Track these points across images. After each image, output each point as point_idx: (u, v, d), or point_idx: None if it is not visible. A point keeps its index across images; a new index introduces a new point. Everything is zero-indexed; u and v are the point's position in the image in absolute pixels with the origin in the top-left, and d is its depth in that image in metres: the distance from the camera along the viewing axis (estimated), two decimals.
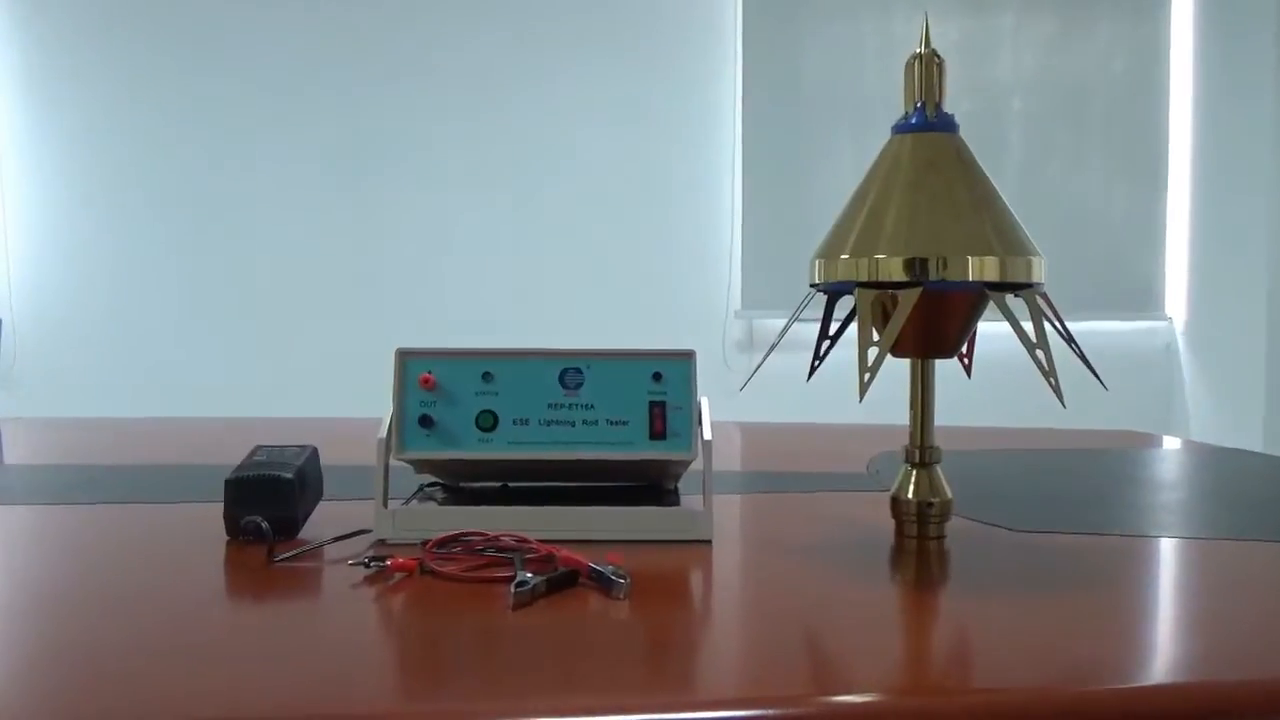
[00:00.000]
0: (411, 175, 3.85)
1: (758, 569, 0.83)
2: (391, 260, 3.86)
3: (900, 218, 0.82)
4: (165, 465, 1.32)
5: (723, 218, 3.89)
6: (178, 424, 1.85)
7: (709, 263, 3.89)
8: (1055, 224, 3.90)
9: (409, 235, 3.87)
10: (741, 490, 1.17)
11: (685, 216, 3.89)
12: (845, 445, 1.52)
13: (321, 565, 0.82)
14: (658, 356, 0.89)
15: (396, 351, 0.89)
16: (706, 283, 3.89)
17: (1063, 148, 3.99)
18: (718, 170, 3.89)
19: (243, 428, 1.65)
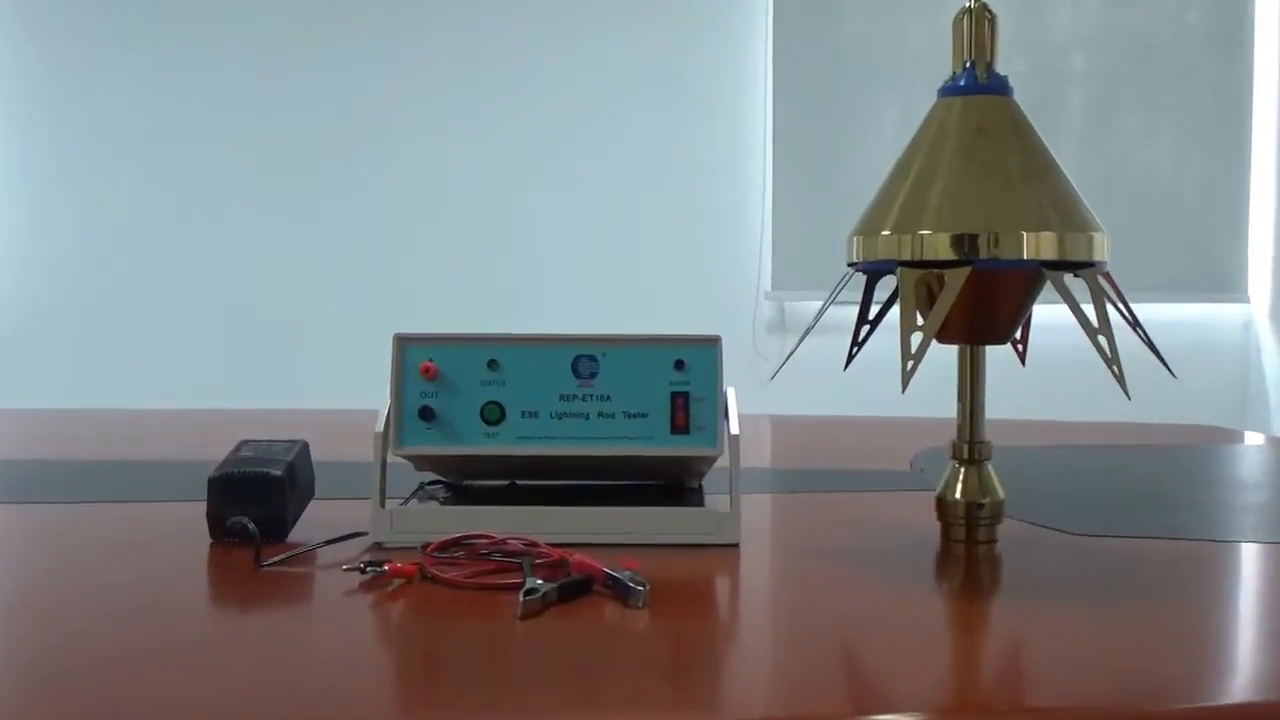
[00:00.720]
0: (413, 146, 3.86)
1: (789, 576, 0.83)
2: (390, 239, 3.87)
3: (947, 190, 0.82)
4: (143, 461, 1.33)
5: (752, 191, 3.88)
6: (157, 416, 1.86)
7: (736, 240, 3.89)
8: (1121, 196, 3.87)
9: (409, 212, 3.87)
10: (772, 489, 1.17)
11: (710, 190, 3.88)
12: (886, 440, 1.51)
13: (313, 570, 0.82)
14: (680, 342, 0.89)
15: (394, 337, 0.89)
16: (734, 262, 3.88)
17: (1130, 111, 3.94)
18: (746, 139, 3.88)
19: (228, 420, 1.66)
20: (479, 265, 3.87)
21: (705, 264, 3.87)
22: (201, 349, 3.85)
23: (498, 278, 3.87)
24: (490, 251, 3.88)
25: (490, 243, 3.88)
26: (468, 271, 3.87)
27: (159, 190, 3.84)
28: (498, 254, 3.88)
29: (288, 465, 0.90)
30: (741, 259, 3.88)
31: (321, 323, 3.85)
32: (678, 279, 3.85)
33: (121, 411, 1.99)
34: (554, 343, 0.89)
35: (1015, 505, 0.92)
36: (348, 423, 1.21)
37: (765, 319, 3.90)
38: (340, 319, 3.84)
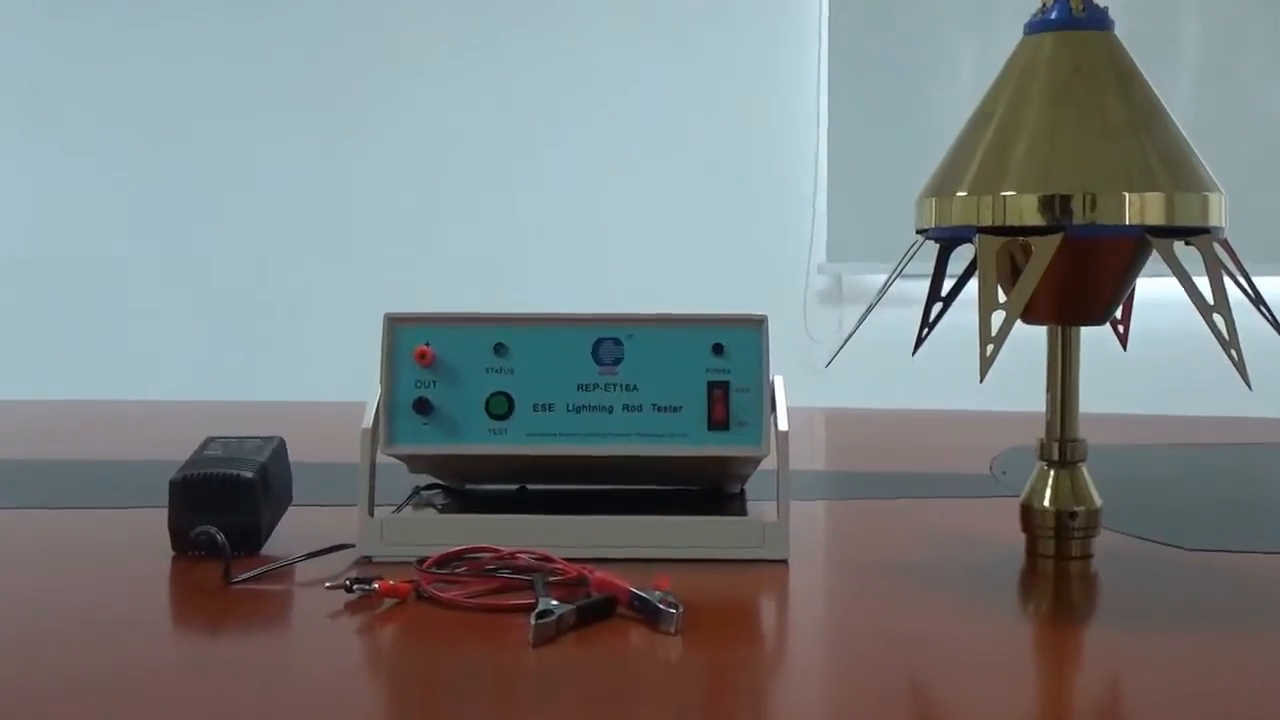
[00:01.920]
0: (409, 91, 3.87)
1: (847, 598, 0.83)
2: (381, 203, 3.88)
3: (1036, 143, 0.81)
4: (95, 461, 1.34)
5: (803, 147, 3.87)
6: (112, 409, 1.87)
7: (785, 205, 3.87)
8: (1241, 150, 3.83)
9: (404, 174, 3.88)
10: (827, 495, 1.17)
11: (753, 146, 3.87)
12: (962, 437, 1.50)
13: (291, 589, 0.82)
14: (719, 323, 0.89)
15: (385, 317, 0.89)
16: (781, 229, 3.87)
17: (1252, 49, 3.90)
18: (796, 84, 3.86)
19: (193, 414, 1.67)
20: (486, 234, 3.88)
21: (748, 231, 3.86)
22: (165, 334, 3.88)
23: (508, 248, 3.87)
24: (499, 218, 3.88)
25: (499, 208, 3.88)
26: (473, 241, 3.87)
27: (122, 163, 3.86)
28: (508, 221, 3.88)
29: (261, 466, 0.90)
30: (790, 225, 3.87)
31: (301, 302, 3.87)
32: (716, 250, 3.84)
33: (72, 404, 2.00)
34: (571, 323, 0.89)
35: (1113, 515, 0.91)
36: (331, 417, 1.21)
37: (818, 296, 3.89)
38: (323, 297, 3.85)
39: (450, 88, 3.87)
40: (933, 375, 1.92)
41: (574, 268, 3.83)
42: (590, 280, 3.78)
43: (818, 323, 3.82)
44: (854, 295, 3.85)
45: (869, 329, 0.95)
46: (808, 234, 3.88)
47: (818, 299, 3.89)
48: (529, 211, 3.88)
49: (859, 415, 1.79)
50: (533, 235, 3.88)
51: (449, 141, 3.89)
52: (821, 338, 3.76)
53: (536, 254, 3.87)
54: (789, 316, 3.77)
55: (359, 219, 3.89)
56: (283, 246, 3.88)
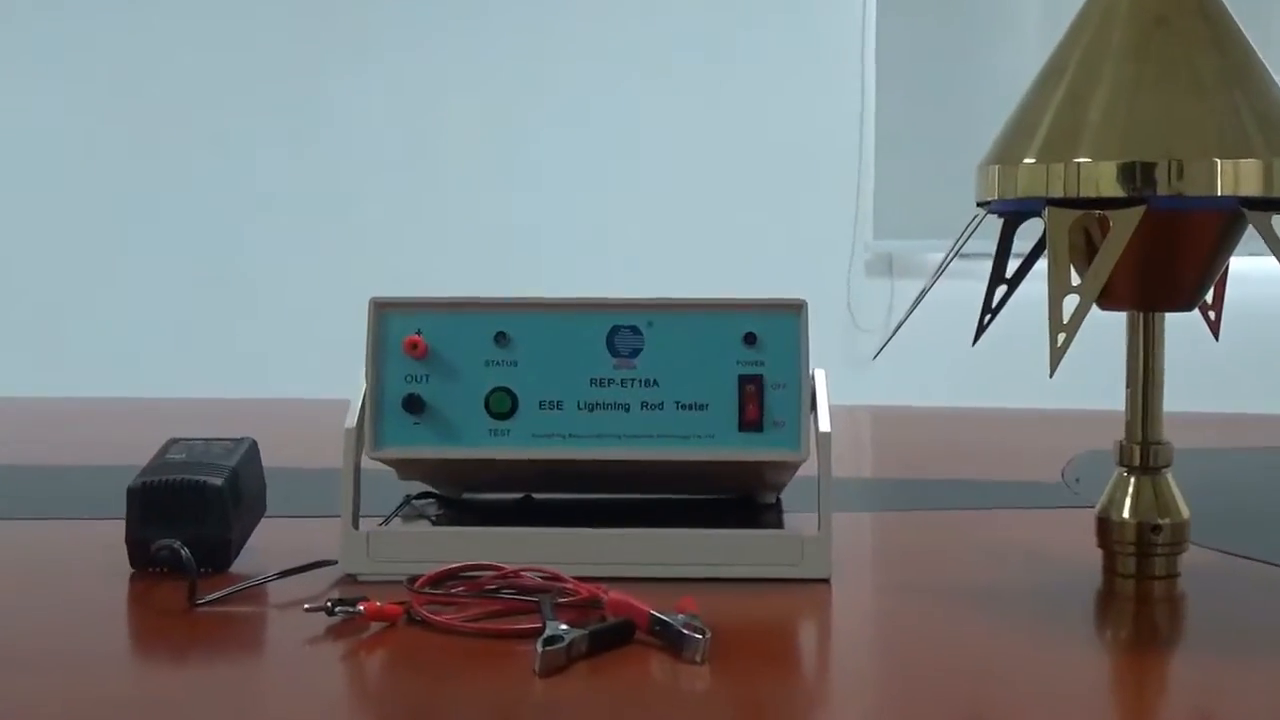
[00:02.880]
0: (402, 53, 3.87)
1: (896, 623, 0.83)
2: (368, 179, 3.89)
3: (1114, 102, 0.81)
4: (44, 466, 1.34)
5: (846, 108, 3.86)
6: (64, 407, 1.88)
7: (827, 174, 3.87)
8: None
9: (394, 143, 3.89)
10: (874, 506, 1.16)
11: (792, 110, 3.86)
12: (1029, 439, 1.50)
13: (264, 611, 0.82)
14: (751, 309, 0.89)
15: (371, 302, 0.90)
16: (823, 202, 3.86)
17: None
18: (840, 40, 3.85)
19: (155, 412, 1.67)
20: (488, 210, 3.88)
21: (784, 204, 3.85)
22: (119, 322, 3.89)
23: (513, 225, 3.87)
24: (503, 191, 3.88)
25: (503, 181, 3.88)
26: (473, 218, 3.87)
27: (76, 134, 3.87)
28: (513, 195, 3.88)
29: (230, 472, 0.90)
30: (833, 197, 3.86)
31: (275, 286, 3.88)
32: (748, 226, 3.83)
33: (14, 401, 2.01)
34: (583, 309, 0.89)
35: (1203, 528, 0.91)
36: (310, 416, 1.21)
37: (865, 277, 3.88)
38: (300, 281, 3.86)
39: (451, 43, 3.86)
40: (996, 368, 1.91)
41: (587, 247, 3.82)
42: (605, 261, 3.77)
43: (865, 308, 3.81)
44: (906, 277, 3.84)
45: (923, 315, 0.95)
46: (852, 206, 3.87)
47: (865, 281, 3.88)
48: (536, 185, 3.88)
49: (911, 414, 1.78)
50: (541, 211, 3.87)
51: (446, 107, 3.88)
52: (869, 325, 3.75)
53: (545, 232, 3.87)
54: (832, 301, 3.76)
55: (341, 193, 3.90)
56: (254, 225, 3.89)
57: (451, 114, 3.88)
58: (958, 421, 1.71)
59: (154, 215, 3.90)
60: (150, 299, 3.90)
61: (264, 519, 0.96)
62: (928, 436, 1.61)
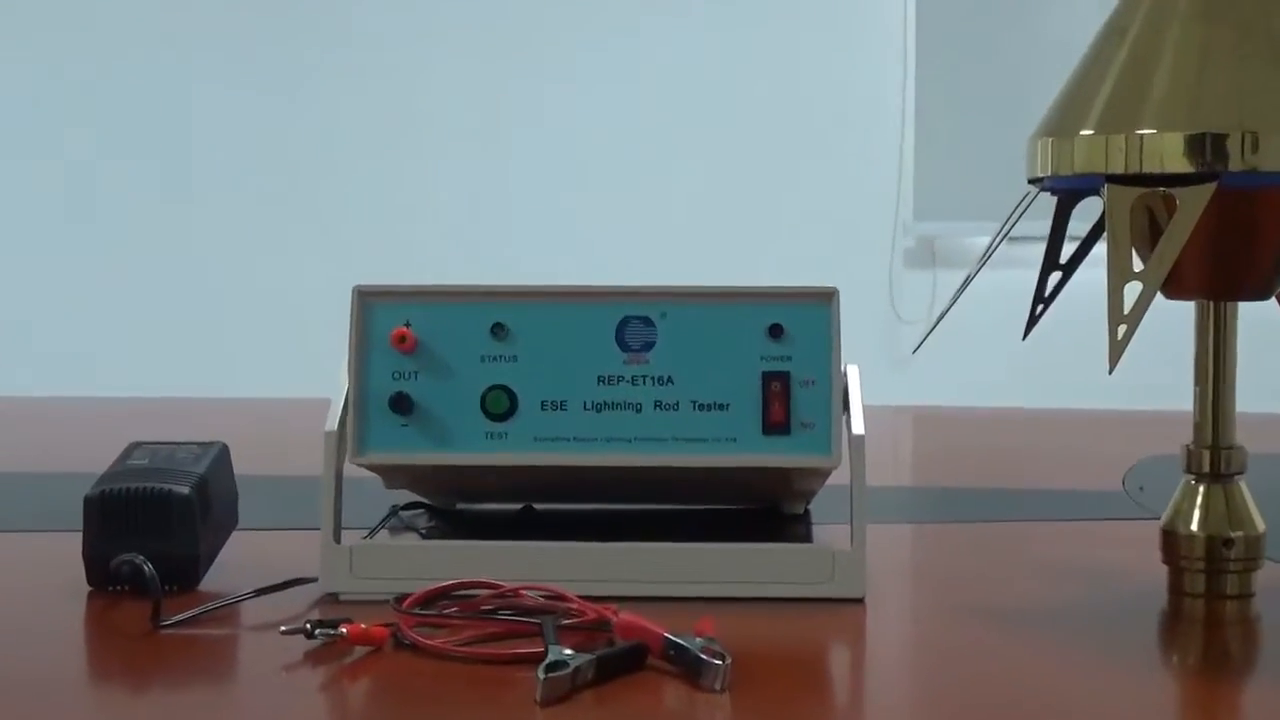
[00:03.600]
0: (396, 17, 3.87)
1: (939, 647, 0.83)
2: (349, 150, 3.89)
3: (1182, 68, 0.81)
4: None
5: (885, 77, 3.86)
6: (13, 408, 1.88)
7: (863, 150, 3.86)
8: None
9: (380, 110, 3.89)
10: (914, 517, 1.16)
11: (826, 80, 3.86)
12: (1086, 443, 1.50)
13: (237, 634, 0.83)
14: (777, 298, 0.89)
15: (355, 291, 0.90)
16: (858, 180, 3.86)
17: None
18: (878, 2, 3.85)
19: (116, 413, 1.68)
20: (483, 186, 3.88)
21: (814, 183, 3.85)
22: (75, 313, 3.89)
23: (512, 203, 3.87)
24: (500, 166, 3.88)
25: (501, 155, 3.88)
26: (467, 196, 3.88)
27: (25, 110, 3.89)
28: (511, 170, 3.88)
29: (199, 480, 0.90)
30: (868, 174, 3.86)
31: (248, 273, 3.88)
32: (775, 207, 3.83)
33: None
34: (590, 298, 0.89)
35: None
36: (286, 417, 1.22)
37: (905, 263, 3.88)
38: (275, 267, 3.86)
39: None
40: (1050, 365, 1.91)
41: (594, 230, 3.82)
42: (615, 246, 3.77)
43: (904, 297, 3.81)
44: (950, 262, 3.84)
45: (969, 305, 0.95)
46: (891, 185, 3.87)
47: (904, 267, 3.87)
48: (539, 162, 3.88)
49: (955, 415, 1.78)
50: (544, 190, 3.87)
51: (434, 69, 3.89)
52: (909, 316, 3.75)
53: (548, 213, 3.87)
54: (867, 289, 3.75)
55: (319, 169, 3.90)
56: (223, 207, 3.89)
57: (441, 77, 3.88)
58: (1007, 424, 1.71)
59: (110, 197, 3.90)
60: (107, 289, 3.91)
61: (236, 532, 0.96)
62: (974, 440, 1.61)
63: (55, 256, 3.91)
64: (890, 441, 1.54)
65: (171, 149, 3.90)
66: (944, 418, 1.75)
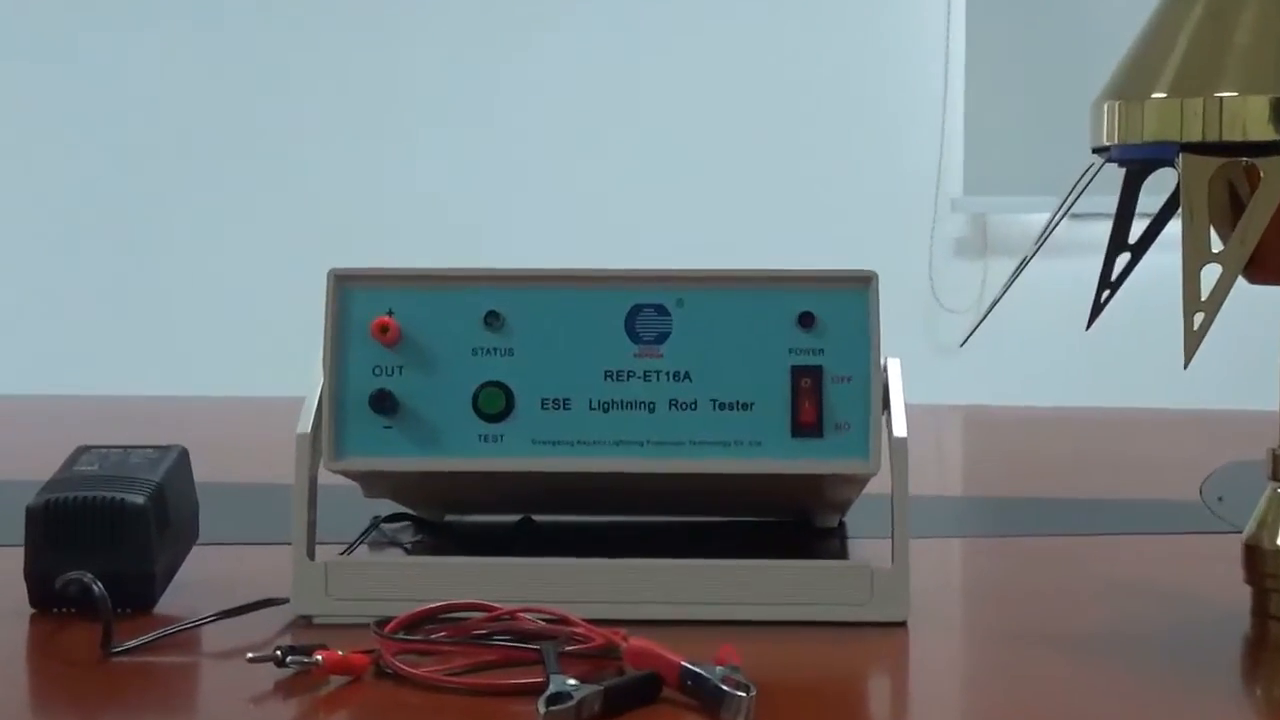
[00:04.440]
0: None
1: (991, 676, 0.83)
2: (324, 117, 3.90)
3: (1267, 22, 0.80)
4: None
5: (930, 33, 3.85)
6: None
7: (906, 116, 3.87)
8: None
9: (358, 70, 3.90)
10: (963, 530, 1.16)
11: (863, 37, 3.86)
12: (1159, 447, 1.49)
13: (197, 661, 0.83)
14: (808, 282, 0.88)
15: (331, 276, 0.90)
16: (899, 151, 3.86)
17: None
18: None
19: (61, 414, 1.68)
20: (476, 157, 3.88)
21: (851, 154, 3.85)
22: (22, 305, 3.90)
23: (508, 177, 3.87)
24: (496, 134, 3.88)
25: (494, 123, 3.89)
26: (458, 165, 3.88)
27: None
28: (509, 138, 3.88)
29: (155, 488, 0.90)
30: (913, 145, 3.86)
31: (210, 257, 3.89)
32: (805, 181, 3.83)
33: None
34: (596, 283, 0.89)
35: None
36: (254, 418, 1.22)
37: (952, 244, 3.88)
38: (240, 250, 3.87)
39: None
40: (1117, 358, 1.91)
41: (601, 207, 3.83)
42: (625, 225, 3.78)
43: (951, 283, 3.81)
44: (1002, 243, 3.84)
45: (1024, 291, 0.95)
46: (935, 156, 3.86)
47: (950, 248, 3.87)
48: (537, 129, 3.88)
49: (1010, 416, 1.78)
50: (543, 160, 3.88)
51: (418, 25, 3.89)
52: (956, 304, 3.74)
53: (548, 187, 3.87)
54: (910, 273, 3.76)
55: (292, 144, 3.91)
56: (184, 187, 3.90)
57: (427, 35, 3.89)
58: (1068, 425, 1.71)
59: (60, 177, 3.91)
60: (54, 277, 3.92)
61: (197, 546, 0.96)
62: (1030, 444, 1.61)
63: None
64: (936, 445, 1.54)
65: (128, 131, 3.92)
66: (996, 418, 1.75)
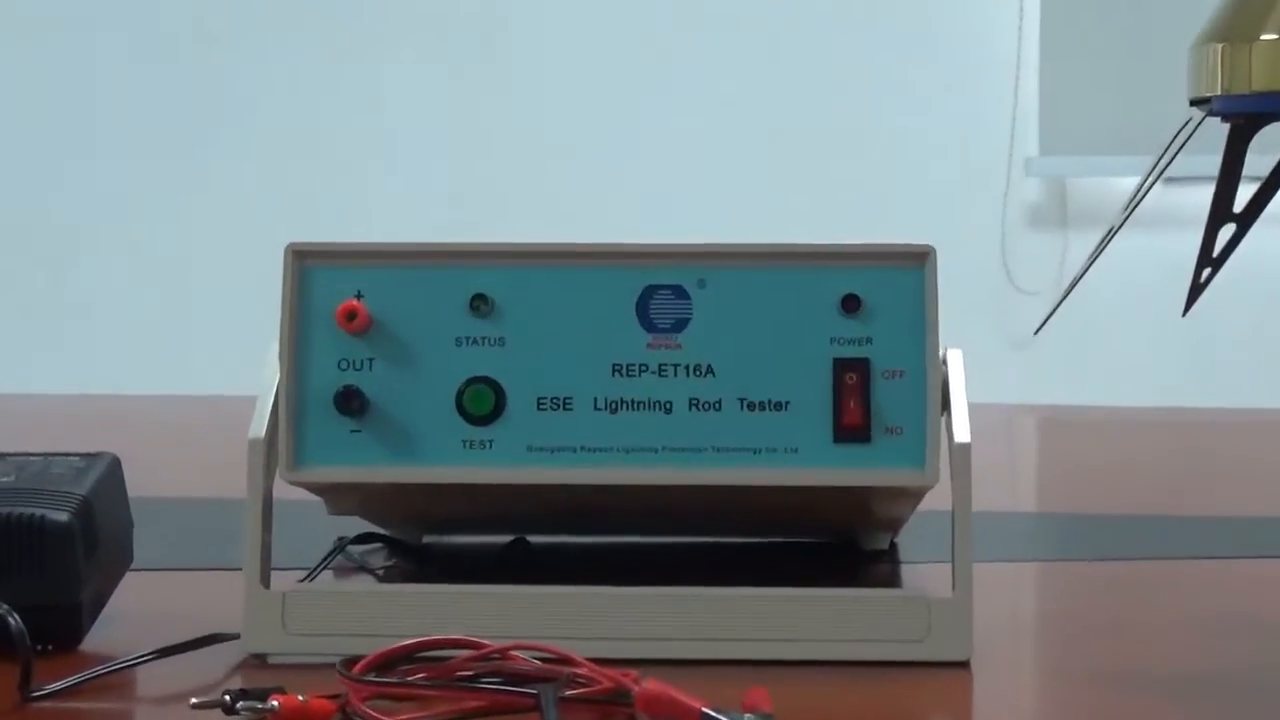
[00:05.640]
0: None
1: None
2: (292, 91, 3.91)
3: None
4: None
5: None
6: None
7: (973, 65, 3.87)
8: None
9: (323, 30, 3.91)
10: (1035, 553, 1.17)
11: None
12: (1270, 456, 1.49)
13: (131, 708, 0.83)
14: (854, 260, 0.89)
15: (288, 252, 0.90)
16: (965, 106, 3.86)
17: None
18: None
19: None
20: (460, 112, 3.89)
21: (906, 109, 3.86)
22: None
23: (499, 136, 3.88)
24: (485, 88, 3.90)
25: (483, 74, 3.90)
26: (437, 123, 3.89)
27: None
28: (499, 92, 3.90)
29: (81, 503, 0.91)
30: (979, 96, 3.87)
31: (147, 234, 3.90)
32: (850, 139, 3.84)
33: None
34: (603, 260, 0.89)
35: None
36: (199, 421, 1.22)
37: (1026, 214, 3.88)
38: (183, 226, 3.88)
39: None
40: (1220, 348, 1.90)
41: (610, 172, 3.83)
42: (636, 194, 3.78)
43: (1024, 259, 3.81)
44: (1085, 212, 3.84)
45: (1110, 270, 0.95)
46: (1008, 109, 3.87)
47: (1025, 219, 3.88)
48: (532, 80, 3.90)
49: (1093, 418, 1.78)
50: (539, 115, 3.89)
51: None
52: (1030, 284, 3.74)
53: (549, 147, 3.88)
54: (976, 248, 3.75)
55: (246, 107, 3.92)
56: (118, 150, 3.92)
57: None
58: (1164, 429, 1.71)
59: None
60: None
61: (130, 573, 0.96)
62: (1118, 451, 1.61)
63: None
64: (1005, 452, 1.54)
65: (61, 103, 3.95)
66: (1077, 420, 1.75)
